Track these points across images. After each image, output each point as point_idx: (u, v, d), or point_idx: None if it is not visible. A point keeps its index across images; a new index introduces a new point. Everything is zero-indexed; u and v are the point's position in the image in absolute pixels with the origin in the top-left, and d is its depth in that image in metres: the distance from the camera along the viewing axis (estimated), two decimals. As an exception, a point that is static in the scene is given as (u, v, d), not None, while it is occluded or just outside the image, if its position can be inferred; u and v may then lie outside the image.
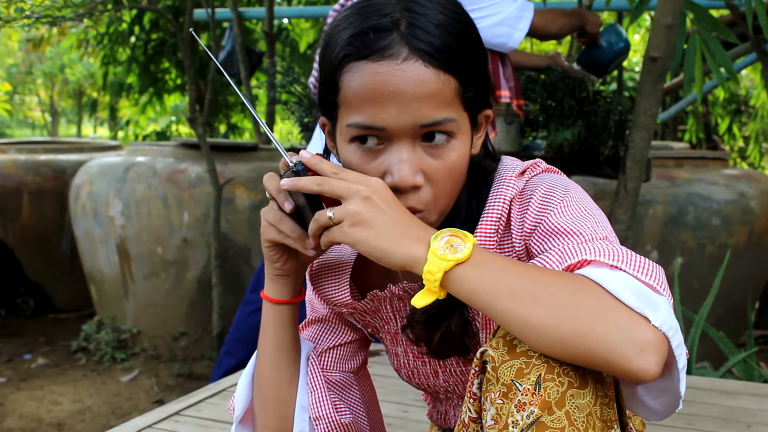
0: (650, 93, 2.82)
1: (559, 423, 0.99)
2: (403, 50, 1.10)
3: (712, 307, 3.33)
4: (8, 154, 6.00)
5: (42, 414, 4.03)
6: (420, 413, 2.34)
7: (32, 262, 5.92)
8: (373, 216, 1.07)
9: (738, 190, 4.28)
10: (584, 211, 1.15)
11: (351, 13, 1.16)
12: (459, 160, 1.16)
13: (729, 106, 9.14)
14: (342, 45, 1.13)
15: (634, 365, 0.96)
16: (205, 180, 4.65)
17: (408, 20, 1.11)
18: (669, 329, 0.98)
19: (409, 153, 1.13)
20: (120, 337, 4.95)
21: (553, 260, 1.07)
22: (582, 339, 0.97)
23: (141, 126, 9.87)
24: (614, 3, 4.92)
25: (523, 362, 1.02)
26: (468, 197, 1.25)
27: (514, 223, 1.21)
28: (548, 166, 1.28)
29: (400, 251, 1.06)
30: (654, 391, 1.08)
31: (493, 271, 1.03)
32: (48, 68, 17.11)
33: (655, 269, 1.04)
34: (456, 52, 1.12)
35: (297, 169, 1.13)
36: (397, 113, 1.10)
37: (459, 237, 1.06)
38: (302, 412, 1.36)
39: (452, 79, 1.12)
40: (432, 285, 1.05)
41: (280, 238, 1.21)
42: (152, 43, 7.46)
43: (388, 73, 1.09)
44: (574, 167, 3.36)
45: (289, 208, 1.17)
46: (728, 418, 2.30)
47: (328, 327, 1.45)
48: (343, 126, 1.16)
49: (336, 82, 1.14)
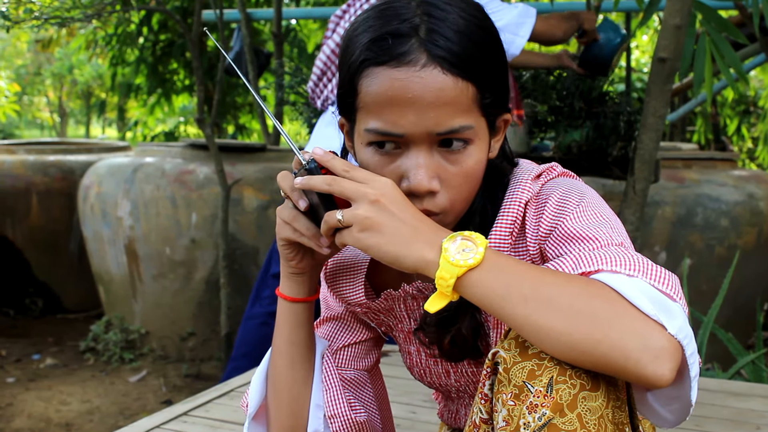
0: (659, 94, 2.81)
1: (570, 425, 0.99)
2: (421, 57, 1.09)
3: (721, 308, 3.32)
4: (17, 154, 6.02)
5: (50, 414, 4.04)
6: (428, 414, 2.33)
7: (41, 262, 5.94)
8: (381, 220, 1.07)
9: (747, 191, 4.27)
10: (600, 217, 1.15)
11: (371, 16, 1.15)
12: (476, 165, 1.16)
13: (738, 107, 9.12)
14: (361, 49, 1.12)
15: (648, 371, 0.95)
16: (214, 181, 4.66)
17: (427, 26, 1.10)
18: (684, 337, 0.98)
19: (426, 158, 1.13)
20: (128, 337, 4.96)
21: (568, 265, 1.07)
22: (596, 345, 0.97)
23: (149, 127, 9.89)
24: (623, 4, 4.90)
25: (535, 364, 1.02)
26: (483, 200, 1.24)
27: (529, 227, 1.20)
28: (564, 170, 1.28)
29: (412, 256, 1.06)
30: (664, 399, 1.07)
31: (507, 276, 1.03)
32: (57, 69, 17.14)
33: (671, 277, 1.03)
34: (475, 59, 1.11)
35: (310, 167, 1.13)
36: (415, 120, 1.10)
37: (471, 241, 1.05)
38: (317, 410, 1.36)
39: (470, 86, 1.11)
40: (445, 290, 1.04)
41: (294, 236, 1.21)
42: (161, 44, 7.47)
43: (407, 80, 1.09)
44: (583, 168, 3.36)
45: (303, 207, 1.17)
46: (737, 419, 2.29)
47: (343, 325, 1.45)
48: (361, 129, 1.16)
49: (354, 86, 1.14)
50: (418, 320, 1.35)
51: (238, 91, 7.85)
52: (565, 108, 3.36)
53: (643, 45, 11.38)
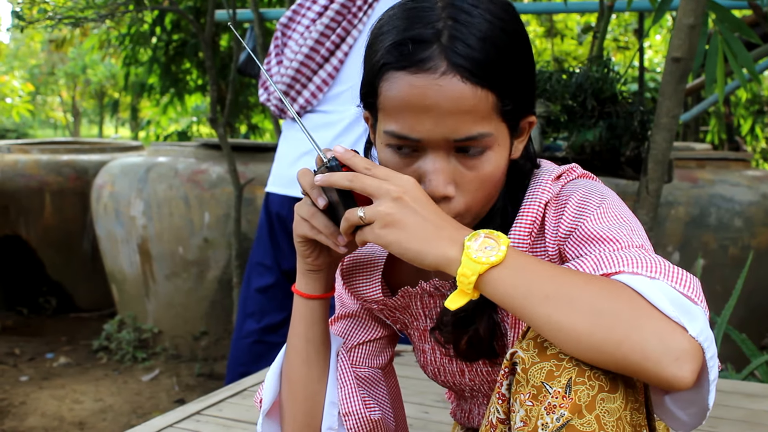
0: (672, 94, 2.80)
1: (589, 426, 0.99)
2: (441, 64, 1.08)
3: (735, 309, 3.30)
4: (31, 154, 6.05)
5: (64, 413, 4.05)
6: (441, 414, 2.33)
7: (54, 261, 5.97)
8: (404, 217, 1.07)
9: (761, 191, 4.25)
10: (621, 219, 1.14)
11: (396, 15, 1.15)
12: (493, 171, 1.15)
13: (752, 106, 9.07)
14: (383, 52, 1.12)
15: (668, 373, 0.95)
16: (226, 180, 4.67)
17: (450, 32, 1.09)
18: (705, 340, 0.98)
19: (443, 163, 1.13)
20: (141, 336, 4.97)
21: (589, 266, 1.06)
22: (617, 346, 0.97)
23: (162, 126, 9.90)
24: (636, 3, 4.89)
25: (554, 365, 1.02)
26: (504, 201, 1.24)
27: (549, 228, 1.20)
28: (584, 172, 1.27)
29: (434, 253, 1.06)
30: (682, 402, 1.07)
31: (528, 275, 1.03)
32: (70, 69, 17.22)
33: (692, 280, 1.03)
34: (497, 66, 1.10)
35: (330, 165, 1.13)
36: (432, 127, 1.10)
37: (493, 239, 1.05)
38: (331, 408, 1.36)
39: (490, 95, 1.10)
40: (466, 287, 1.04)
41: (312, 233, 1.21)
42: (173, 43, 7.47)
43: (425, 87, 1.09)
44: (596, 168, 3.34)
45: (322, 204, 1.17)
46: (751, 421, 2.28)
47: (358, 322, 1.45)
48: (380, 130, 1.16)
49: (375, 88, 1.14)
50: (434, 318, 1.35)
51: (250, 91, 7.85)
52: (578, 108, 3.35)
53: (656, 45, 11.34)
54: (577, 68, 3.44)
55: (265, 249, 3.13)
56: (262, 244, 3.15)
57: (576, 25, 10.07)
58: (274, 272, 3.11)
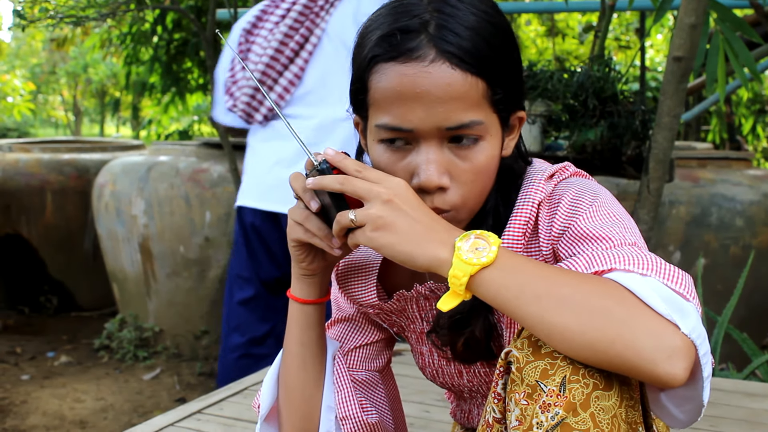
0: (674, 93, 2.80)
1: (583, 425, 0.99)
2: (430, 52, 1.09)
3: (736, 308, 3.30)
4: (32, 153, 6.05)
5: (65, 411, 4.06)
6: (442, 413, 2.33)
7: (55, 260, 5.97)
8: (395, 220, 1.07)
9: (762, 190, 4.25)
10: (613, 217, 1.14)
11: (382, 13, 1.16)
12: (487, 161, 1.15)
13: (753, 106, 9.07)
14: (371, 46, 1.13)
15: (661, 371, 0.95)
16: (228, 179, 4.67)
17: (437, 22, 1.10)
18: (697, 337, 0.98)
19: (436, 154, 1.13)
20: (142, 335, 4.98)
21: (581, 264, 1.06)
22: (609, 344, 0.97)
23: (163, 125, 9.90)
24: (637, 2, 4.89)
25: (548, 363, 1.02)
26: (496, 201, 1.24)
27: (542, 227, 1.20)
28: (577, 170, 1.27)
29: (425, 255, 1.06)
30: (677, 399, 1.07)
31: (520, 275, 1.03)
32: (71, 68, 17.21)
33: (684, 277, 1.03)
34: (485, 54, 1.11)
35: (322, 168, 1.13)
36: (424, 115, 1.10)
37: (484, 239, 1.05)
38: (328, 412, 1.36)
39: (480, 82, 1.11)
40: (457, 289, 1.04)
41: (306, 237, 1.20)
42: (175, 42, 7.47)
43: (415, 75, 1.09)
44: (597, 167, 3.34)
45: (314, 207, 1.17)
46: (752, 420, 2.28)
47: (354, 326, 1.45)
48: (372, 126, 1.16)
49: (365, 83, 1.15)
50: (430, 321, 1.35)
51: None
52: (579, 107, 3.35)
53: (657, 44, 11.34)
54: (578, 67, 3.44)
55: (243, 261, 3.10)
56: (239, 256, 3.12)
57: (577, 24, 10.08)
58: (254, 284, 3.08)
